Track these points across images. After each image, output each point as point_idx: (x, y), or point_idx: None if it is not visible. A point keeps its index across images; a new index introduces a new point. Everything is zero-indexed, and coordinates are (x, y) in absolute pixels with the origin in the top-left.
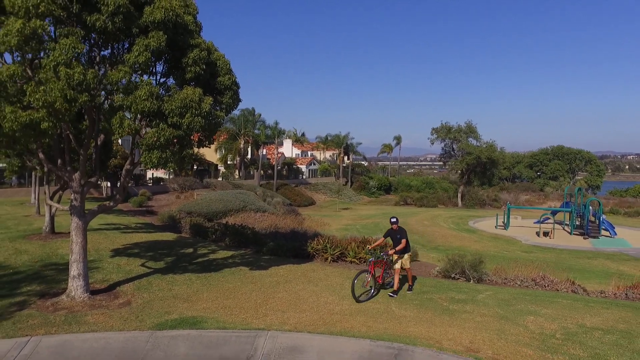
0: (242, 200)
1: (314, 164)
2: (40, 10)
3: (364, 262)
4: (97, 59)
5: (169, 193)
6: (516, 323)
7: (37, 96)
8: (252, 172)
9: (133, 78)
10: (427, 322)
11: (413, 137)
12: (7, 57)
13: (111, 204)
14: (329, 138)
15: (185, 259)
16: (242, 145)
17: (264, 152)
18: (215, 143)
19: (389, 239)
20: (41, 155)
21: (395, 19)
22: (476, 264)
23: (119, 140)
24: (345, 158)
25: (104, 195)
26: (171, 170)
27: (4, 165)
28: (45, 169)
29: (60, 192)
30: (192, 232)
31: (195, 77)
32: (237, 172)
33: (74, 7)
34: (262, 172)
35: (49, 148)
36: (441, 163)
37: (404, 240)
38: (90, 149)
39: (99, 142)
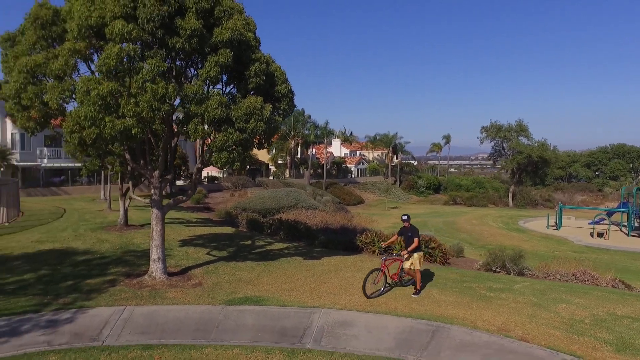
0: (294, 198)
1: (363, 164)
2: (132, 37)
3: None
4: (175, 73)
5: (223, 191)
6: (548, 309)
7: (129, 107)
8: (302, 171)
9: (205, 90)
10: (464, 306)
11: (463, 136)
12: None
13: (184, 198)
14: (377, 137)
15: (245, 249)
16: (292, 145)
17: (314, 152)
18: None
19: (401, 238)
20: (127, 156)
21: (444, 18)
22: (516, 257)
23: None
24: (394, 157)
25: (165, 192)
26: (225, 170)
27: (79, 164)
28: (129, 168)
29: (133, 189)
30: (249, 226)
31: (256, 86)
32: (287, 171)
33: (159, 32)
34: (311, 171)
35: (132, 150)
36: (491, 162)
37: (415, 239)
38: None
39: (172, 145)
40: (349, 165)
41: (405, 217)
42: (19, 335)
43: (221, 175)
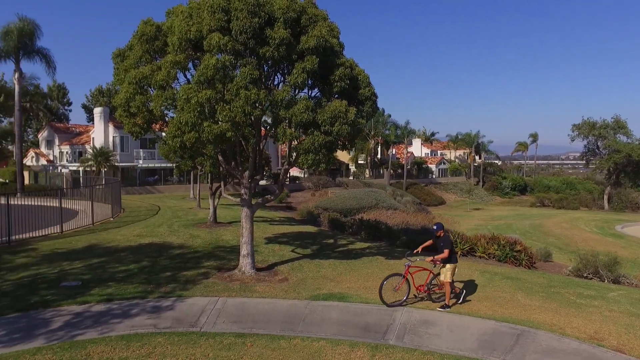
0: (374, 198)
1: (444, 164)
2: (227, 48)
3: (493, 257)
4: (264, 80)
5: (304, 191)
6: None
7: (224, 113)
8: (381, 172)
9: (292, 95)
10: (551, 312)
11: (551, 134)
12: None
13: (272, 198)
14: (459, 137)
15: (327, 247)
16: (372, 146)
17: (394, 152)
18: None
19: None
20: (220, 158)
21: (528, 15)
22: (611, 264)
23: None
24: (477, 157)
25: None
26: (306, 170)
27: (171, 165)
28: (221, 169)
29: (221, 188)
30: (331, 225)
31: (340, 90)
32: (367, 171)
33: (250, 43)
34: (391, 171)
35: (224, 152)
36: (584, 162)
37: (446, 250)
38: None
39: (261, 148)
40: (429, 166)
41: (435, 228)
42: (130, 317)
43: (302, 176)
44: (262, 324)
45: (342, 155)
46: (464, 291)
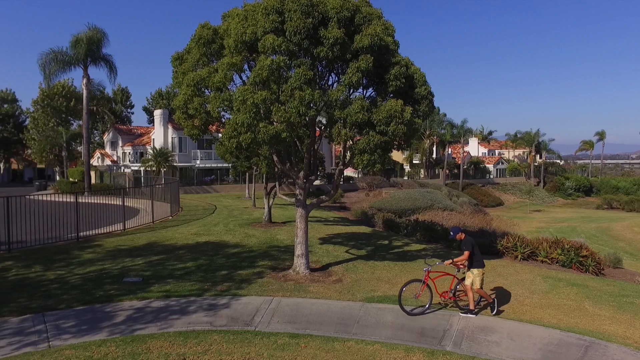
0: (430, 198)
1: (502, 163)
2: (282, 49)
3: (556, 262)
4: (318, 80)
5: (358, 191)
6: None
7: (279, 114)
8: (437, 172)
9: (347, 94)
10: (624, 323)
11: (620, 132)
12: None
13: (326, 198)
14: (518, 135)
15: (382, 249)
16: (427, 145)
17: (449, 152)
18: None
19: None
20: (275, 159)
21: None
22: None
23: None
24: (537, 156)
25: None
26: (359, 170)
27: (227, 165)
28: (276, 169)
29: (276, 188)
30: (385, 226)
31: (396, 89)
32: (422, 171)
33: (304, 43)
34: (447, 171)
35: (279, 153)
36: None
37: (466, 252)
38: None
39: (316, 148)
40: (487, 165)
41: (452, 234)
42: (187, 314)
43: (356, 176)
44: (316, 324)
45: (397, 155)
46: (495, 300)
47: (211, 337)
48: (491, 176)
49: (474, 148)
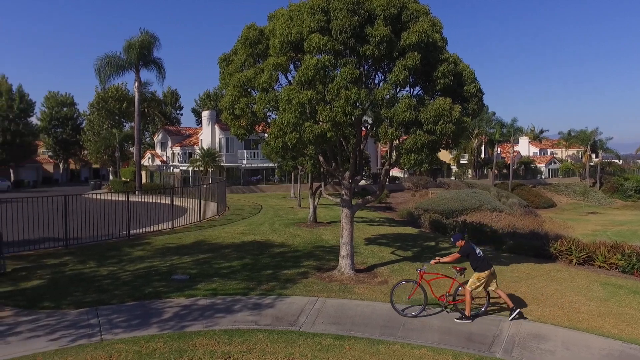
0: (478, 199)
1: (554, 163)
2: (327, 48)
3: (616, 267)
4: (364, 79)
5: (403, 191)
6: None
7: (325, 113)
8: (485, 172)
9: (393, 93)
10: None
11: None
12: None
13: (372, 198)
14: (572, 134)
15: (428, 250)
16: (475, 145)
17: (499, 151)
18: None
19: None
20: (321, 159)
21: None
22: None
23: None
24: (593, 156)
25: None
26: (405, 170)
27: (272, 165)
28: (322, 170)
29: (320, 189)
30: (432, 227)
31: (444, 87)
32: (470, 171)
33: (350, 42)
34: (496, 171)
35: (325, 153)
36: None
37: (454, 255)
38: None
39: (362, 148)
40: (538, 165)
41: (452, 240)
42: (232, 313)
43: (402, 175)
44: (360, 326)
45: (444, 155)
46: (517, 309)
47: (256, 336)
48: (543, 176)
49: (525, 147)
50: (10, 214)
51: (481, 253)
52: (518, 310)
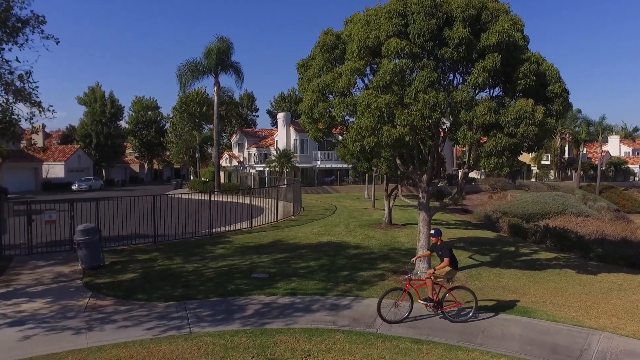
0: (561, 202)
1: None
2: (405, 52)
3: None
4: (442, 82)
5: (480, 193)
6: None
7: (402, 117)
8: (569, 173)
9: (472, 96)
10: None
11: None
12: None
13: (450, 202)
14: None
15: (507, 255)
16: (558, 144)
17: (584, 151)
18: None
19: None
20: (398, 162)
21: None
22: None
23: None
24: None
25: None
26: (482, 171)
27: (346, 166)
28: (399, 172)
29: (396, 190)
30: (511, 231)
31: (525, 88)
32: (552, 172)
33: (428, 45)
34: (581, 172)
35: (401, 156)
36: None
37: (446, 259)
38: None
39: (439, 151)
40: (630, 166)
41: (433, 232)
42: (311, 312)
43: (478, 177)
44: (438, 331)
45: (523, 156)
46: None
47: (334, 336)
48: (636, 178)
49: (615, 147)
50: (104, 212)
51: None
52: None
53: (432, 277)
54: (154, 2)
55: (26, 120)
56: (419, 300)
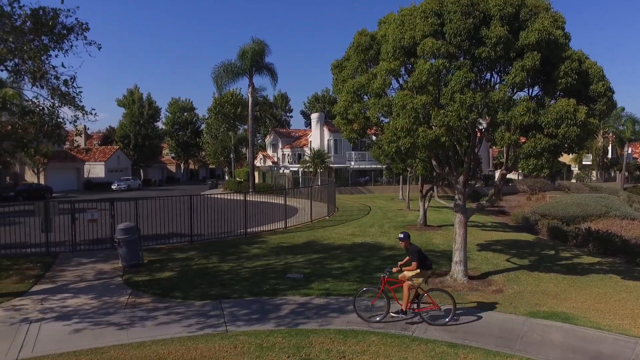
0: (604, 205)
1: None
2: (440, 52)
3: None
4: (480, 82)
5: (518, 194)
6: None
7: (438, 118)
8: (612, 174)
9: (510, 96)
10: None
11: None
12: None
13: (487, 204)
14: None
15: (547, 259)
16: (601, 144)
17: (629, 151)
18: None
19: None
20: (434, 163)
21: None
22: None
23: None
24: None
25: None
26: (520, 172)
27: (380, 166)
28: (434, 173)
29: (431, 191)
30: (550, 234)
31: (566, 87)
32: (593, 173)
33: (464, 44)
34: (626, 173)
35: (437, 157)
36: None
37: (414, 263)
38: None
39: (476, 152)
40: None
41: (401, 236)
42: (345, 313)
43: (516, 177)
44: (475, 336)
45: (563, 156)
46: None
47: (369, 338)
48: None
49: None
50: (142, 211)
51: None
52: (406, 314)
53: (409, 281)
54: (189, 6)
55: (70, 123)
56: (391, 313)
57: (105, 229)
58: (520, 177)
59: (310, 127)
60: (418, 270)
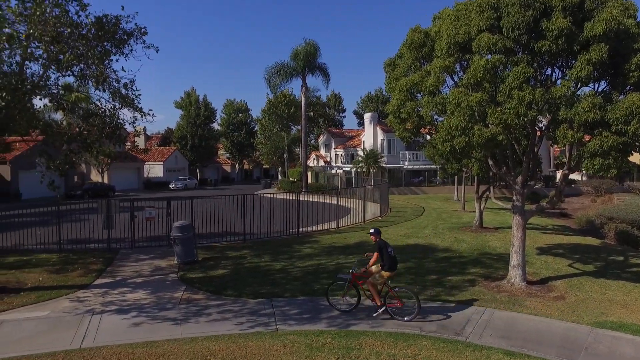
0: None
1: None
2: (497, 47)
3: None
4: (540, 78)
5: (581, 196)
6: None
7: (495, 116)
8: None
9: (573, 91)
10: None
11: None
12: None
13: (547, 205)
14: None
15: (615, 265)
16: None
17: None
18: None
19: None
20: (490, 162)
21: None
22: None
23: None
24: None
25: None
26: (584, 172)
27: (435, 167)
28: (491, 174)
29: (488, 192)
30: (618, 239)
31: (638, 81)
32: None
33: (523, 38)
34: None
35: (494, 156)
36: None
37: (375, 254)
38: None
39: (536, 151)
40: None
41: (372, 232)
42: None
43: (579, 178)
44: (533, 344)
45: (633, 155)
46: (383, 307)
47: (421, 342)
48: None
49: None
50: (197, 210)
51: (392, 252)
52: (384, 307)
53: (372, 279)
54: (241, 9)
55: (130, 124)
56: (374, 315)
57: (162, 227)
58: (584, 178)
59: (363, 127)
60: (379, 267)
